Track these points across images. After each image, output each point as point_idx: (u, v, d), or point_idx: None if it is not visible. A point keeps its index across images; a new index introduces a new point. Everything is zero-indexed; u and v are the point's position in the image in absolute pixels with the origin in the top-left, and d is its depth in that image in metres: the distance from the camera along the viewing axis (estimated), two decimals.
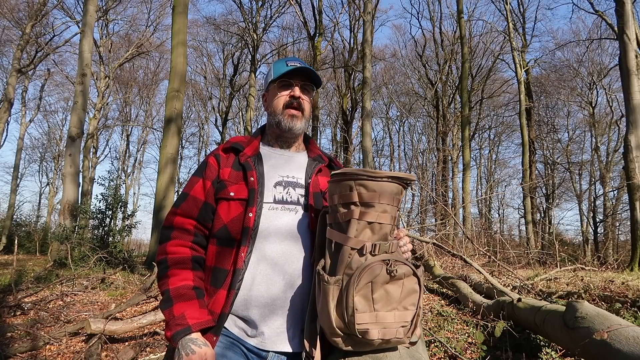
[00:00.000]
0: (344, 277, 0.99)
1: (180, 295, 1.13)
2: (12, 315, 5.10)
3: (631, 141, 9.24)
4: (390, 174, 1.02)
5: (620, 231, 19.26)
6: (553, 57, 22.99)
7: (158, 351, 3.84)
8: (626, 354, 2.18)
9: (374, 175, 1.01)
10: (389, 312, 0.99)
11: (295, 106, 1.32)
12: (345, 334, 1.02)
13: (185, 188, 1.29)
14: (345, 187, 1.03)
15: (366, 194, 1.01)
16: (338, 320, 1.00)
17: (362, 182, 1.01)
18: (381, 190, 1.01)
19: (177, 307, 1.11)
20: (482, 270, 4.85)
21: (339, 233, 1.04)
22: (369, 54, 14.99)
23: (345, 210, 1.03)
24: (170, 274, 1.16)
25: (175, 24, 11.03)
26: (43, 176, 31.48)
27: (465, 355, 3.34)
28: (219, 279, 1.17)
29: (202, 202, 1.23)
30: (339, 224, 1.05)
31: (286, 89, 1.33)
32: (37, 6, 18.38)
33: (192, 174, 1.31)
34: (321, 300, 1.03)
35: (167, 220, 1.26)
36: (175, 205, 1.26)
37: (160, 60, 27.60)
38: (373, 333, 0.98)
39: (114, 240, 10.73)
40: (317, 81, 1.35)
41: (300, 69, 1.31)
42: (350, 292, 0.97)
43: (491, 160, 29.87)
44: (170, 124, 10.56)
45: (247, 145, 1.32)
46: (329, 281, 1.00)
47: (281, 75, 1.31)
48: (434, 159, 26.43)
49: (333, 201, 1.07)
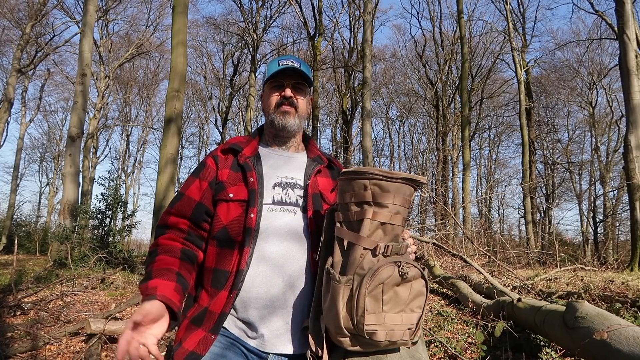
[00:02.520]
0: (355, 277, 0.99)
1: (161, 274, 1.10)
2: (12, 315, 5.10)
3: (631, 141, 9.24)
4: (405, 175, 1.01)
5: (620, 231, 19.28)
6: (553, 57, 23.02)
7: None
8: (626, 354, 2.17)
9: (389, 176, 1.00)
10: (397, 314, 0.99)
11: (287, 104, 1.32)
12: (352, 334, 1.01)
13: (181, 188, 1.29)
14: (359, 185, 1.02)
15: (380, 194, 1.00)
16: (346, 320, 0.99)
17: (377, 182, 1.00)
18: (395, 191, 1.00)
19: (153, 282, 1.08)
20: (482, 270, 4.85)
21: (351, 232, 1.02)
22: (369, 54, 14.99)
23: (358, 209, 1.02)
24: (157, 259, 1.16)
25: (175, 24, 11.02)
26: (43, 176, 31.53)
27: (465, 355, 3.34)
28: (221, 281, 1.16)
29: (196, 202, 1.23)
30: (350, 222, 1.03)
31: (277, 89, 1.33)
32: (37, 6, 18.37)
33: (190, 174, 1.31)
34: (329, 299, 1.02)
35: (162, 219, 1.26)
36: (170, 205, 1.26)
37: (160, 60, 27.63)
38: (380, 334, 0.97)
39: (114, 240, 10.73)
40: (308, 79, 1.35)
41: (290, 68, 1.30)
42: (362, 293, 0.96)
43: (491, 160, 29.90)
44: (170, 124, 10.56)
45: (246, 146, 1.32)
46: (340, 280, 0.99)
47: (272, 75, 1.31)
48: (434, 159, 26.45)
49: (344, 199, 1.05)
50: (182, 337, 1.15)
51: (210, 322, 1.13)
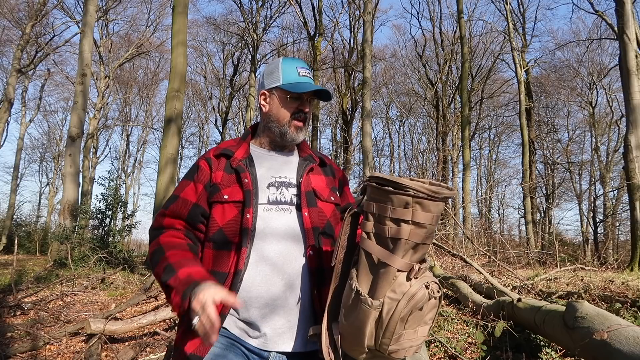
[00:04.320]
0: (387, 300, 0.95)
1: (183, 265, 1.11)
2: (12, 315, 5.11)
3: (631, 141, 9.24)
4: (448, 193, 0.95)
5: (620, 231, 19.27)
6: (553, 57, 23.02)
7: (158, 351, 3.84)
8: (626, 354, 2.17)
9: (435, 195, 0.93)
10: (415, 329, 0.99)
11: (302, 119, 1.32)
12: (369, 350, 1.00)
13: (175, 190, 1.28)
14: (400, 201, 0.94)
15: (421, 214, 0.94)
16: (370, 339, 0.98)
17: (420, 201, 0.93)
18: (436, 211, 0.95)
19: (182, 272, 1.09)
20: (482, 270, 4.85)
21: (384, 250, 0.96)
22: (369, 54, 14.99)
23: (395, 227, 0.95)
24: (169, 255, 1.15)
25: (175, 24, 11.03)
26: (43, 176, 31.52)
27: (465, 355, 3.34)
28: (217, 283, 1.16)
29: (192, 204, 1.23)
30: (382, 237, 0.97)
31: (295, 101, 1.30)
32: (37, 6, 18.37)
33: (183, 177, 1.30)
34: (357, 320, 0.98)
35: (156, 222, 1.25)
36: (165, 207, 1.25)
37: (160, 60, 27.63)
38: (401, 352, 0.97)
39: (114, 240, 10.74)
40: (328, 98, 1.35)
41: (313, 86, 1.29)
42: (394, 319, 0.94)
43: (491, 160, 29.90)
44: (170, 124, 10.56)
45: (237, 149, 1.31)
46: (372, 305, 0.95)
47: (294, 88, 1.27)
48: (434, 159, 26.43)
49: (378, 210, 0.98)
50: (180, 341, 1.15)
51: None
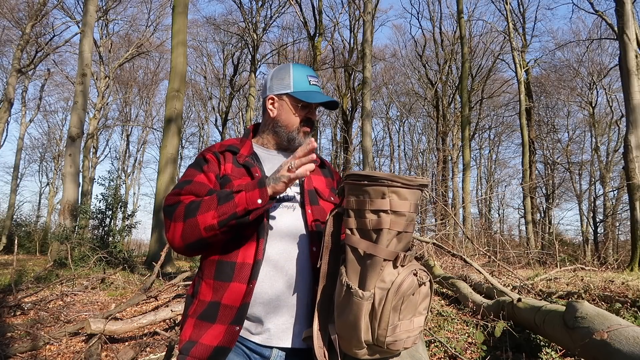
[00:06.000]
0: (377, 290, 0.96)
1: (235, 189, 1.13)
2: (12, 315, 5.11)
3: (631, 141, 9.24)
4: (421, 181, 0.98)
5: (620, 231, 19.28)
6: (553, 57, 23.04)
7: (158, 351, 3.84)
8: (626, 354, 2.18)
9: (408, 183, 0.96)
10: (409, 320, 0.99)
11: (310, 126, 1.36)
12: (368, 345, 1.00)
13: (185, 177, 1.24)
14: (377, 192, 0.97)
15: (399, 203, 0.97)
16: (367, 333, 0.98)
17: (395, 190, 0.97)
18: (413, 199, 0.98)
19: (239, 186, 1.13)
20: (482, 270, 4.85)
21: (368, 242, 0.98)
22: (369, 54, 14.99)
23: (375, 218, 0.98)
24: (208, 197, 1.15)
25: (175, 24, 11.05)
26: (43, 176, 31.53)
27: (465, 355, 3.34)
28: (228, 273, 1.15)
29: (208, 187, 1.20)
30: (365, 230, 0.99)
31: (304, 109, 1.34)
32: (37, 6, 18.38)
33: (189, 167, 1.28)
34: (351, 315, 0.99)
35: (171, 199, 1.20)
36: (178, 187, 1.21)
37: (160, 60, 27.64)
38: (399, 343, 0.98)
39: (114, 240, 10.74)
40: (335, 108, 1.38)
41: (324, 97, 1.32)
42: (387, 308, 0.95)
43: (491, 160, 29.91)
44: (170, 124, 10.57)
45: (241, 147, 1.33)
46: (363, 297, 0.96)
47: (307, 98, 1.31)
48: (434, 159, 26.46)
49: (357, 205, 1.01)
50: (193, 334, 1.13)
51: (228, 315, 1.12)
